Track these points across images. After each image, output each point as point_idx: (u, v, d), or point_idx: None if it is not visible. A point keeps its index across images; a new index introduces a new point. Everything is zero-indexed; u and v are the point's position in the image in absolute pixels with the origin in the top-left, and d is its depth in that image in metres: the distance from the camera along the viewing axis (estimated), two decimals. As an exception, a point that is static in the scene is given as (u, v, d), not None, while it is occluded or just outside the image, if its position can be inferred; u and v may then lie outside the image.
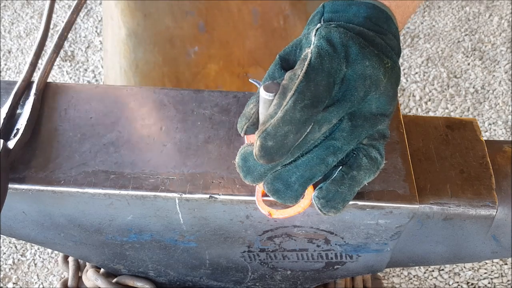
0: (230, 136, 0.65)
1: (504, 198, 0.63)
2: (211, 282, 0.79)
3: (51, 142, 0.64)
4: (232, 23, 0.97)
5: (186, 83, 1.14)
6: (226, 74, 1.11)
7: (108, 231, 0.67)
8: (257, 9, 1.04)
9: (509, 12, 2.66)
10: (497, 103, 2.25)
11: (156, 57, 1.11)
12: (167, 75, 1.13)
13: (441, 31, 2.58)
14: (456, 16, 2.66)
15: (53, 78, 2.39)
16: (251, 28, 1.05)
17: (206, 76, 1.11)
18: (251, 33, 1.06)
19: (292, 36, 1.09)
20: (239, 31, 1.03)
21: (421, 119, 0.71)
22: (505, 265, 1.76)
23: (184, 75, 1.12)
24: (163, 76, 1.13)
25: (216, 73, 1.11)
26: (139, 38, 1.10)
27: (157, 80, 1.15)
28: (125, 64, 1.17)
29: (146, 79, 1.16)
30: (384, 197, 0.59)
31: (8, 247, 1.83)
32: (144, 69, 1.14)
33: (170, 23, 1.05)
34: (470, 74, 2.37)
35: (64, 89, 0.70)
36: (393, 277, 1.73)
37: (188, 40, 1.07)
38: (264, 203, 0.57)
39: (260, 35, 1.06)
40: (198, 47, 1.08)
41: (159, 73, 1.13)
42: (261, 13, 1.04)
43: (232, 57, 1.08)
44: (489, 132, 2.16)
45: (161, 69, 1.12)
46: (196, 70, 1.11)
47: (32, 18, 2.72)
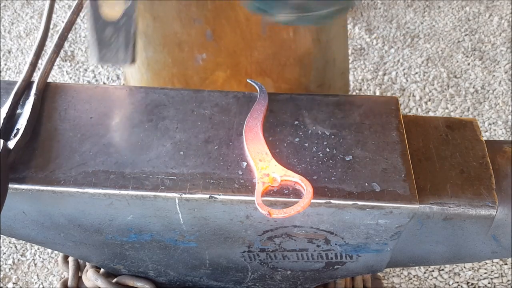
0: (230, 136, 0.65)
1: (504, 198, 0.63)
2: (211, 282, 0.79)
3: (51, 142, 0.64)
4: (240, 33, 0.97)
5: (194, 86, 1.14)
6: (234, 83, 1.11)
7: (108, 231, 0.67)
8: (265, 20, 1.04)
9: (509, 12, 2.66)
10: (497, 103, 2.25)
11: (165, 57, 1.11)
12: (177, 76, 1.13)
13: (441, 31, 2.58)
14: (456, 16, 2.67)
15: (53, 78, 2.39)
16: (259, 38, 1.05)
17: (214, 82, 1.11)
18: (259, 44, 1.05)
19: (302, 48, 1.08)
20: (247, 41, 1.03)
21: (421, 119, 0.71)
22: (505, 265, 1.76)
23: (192, 78, 1.12)
24: (172, 77, 1.13)
25: (223, 81, 1.11)
26: (149, 38, 1.10)
27: (167, 79, 1.15)
28: (138, 61, 1.17)
29: (157, 77, 1.16)
30: (384, 197, 0.59)
31: (8, 247, 1.83)
32: (155, 67, 1.15)
33: (178, 29, 1.05)
34: (470, 74, 2.37)
35: (64, 89, 0.70)
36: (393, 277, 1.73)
37: (196, 47, 1.07)
38: (264, 203, 0.57)
39: (268, 46, 1.05)
40: (206, 54, 1.07)
41: (169, 73, 1.13)
42: (270, 24, 1.04)
43: (240, 67, 1.08)
44: (489, 132, 2.16)
45: (171, 70, 1.12)
46: (205, 76, 1.11)
47: (32, 18, 2.72)
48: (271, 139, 0.65)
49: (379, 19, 2.69)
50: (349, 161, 0.62)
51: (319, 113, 0.68)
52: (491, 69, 2.39)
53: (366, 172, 0.61)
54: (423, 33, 2.58)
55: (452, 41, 2.53)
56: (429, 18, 2.67)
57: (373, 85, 2.34)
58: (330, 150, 0.63)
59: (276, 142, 0.64)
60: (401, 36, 2.57)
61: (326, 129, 0.66)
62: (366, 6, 2.77)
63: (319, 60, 1.13)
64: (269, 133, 0.65)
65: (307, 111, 0.68)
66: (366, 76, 2.38)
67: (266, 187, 0.58)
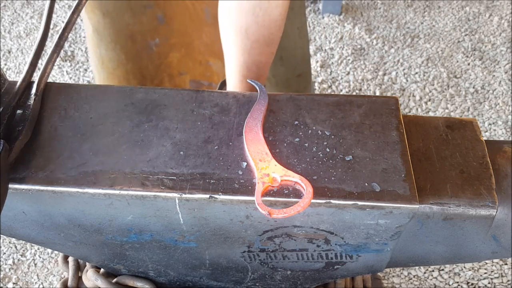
0: (230, 136, 0.65)
1: (504, 198, 0.63)
2: (211, 282, 0.79)
3: (51, 142, 0.64)
4: (189, 16, 0.99)
5: (150, 77, 1.15)
6: (189, 61, 1.12)
7: (108, 231, 0.67)
8: (208, 9, 1.06)
9: (509, 12, 2.66)
10: (497, 103, 2.25)
11: (118, 54, 1.12)
12: (131, 71, 1.14)
13: (441, 31, 2.58)
14: (456, 16, 2.67)
15: (53, 78, 2.39)
16: (206, 24, 1.07)
17: (169, 65, 1.12)
18: (207, 29, 1.08)
19: None
20: (196, 24, 1.05)
21: (421, 119, 0.71)
22: (505, 265, 1.76)
23: (147, 69, 1.13)
24: (127, 73, 1.14)
25: (178, 61, 1.12)
26: (101, 35, 1.11)
27: (122, 77, 1.16)
28: (95, 59, 1.18)
29: (112, 76, 1.17)
30: (384, 197, 0.59)
31: (8, 247, 1.83)
32: (109, 66, 1.15)
33: (130, 19, 1.06)
34: (470, 74, 2.37)
35: (64, 89, 0.70)
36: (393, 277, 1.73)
37: (149, 33, 1.08)
38: (264, 203, 0.57)
39: (214, 32, 1.08)
40: (159, 38, 1.09)
41: (123, 71, 1.14)
42: (212, 12, 1.06)
43: (193, 46, 1.09)
44: (489, 132, 2.16)
45: (125, 67, 1.13)
46: (159, 62, 1.12)
47: (32, 18, 2.72)
48: (271, 139, 0.65)
49: (379, 19, 2.69)
50: (349, 161, 0.62)
51: (319, 113, 0.68)
52: (491, 69, 2.39)
53: (366, 172, 0.61)
54: (423, 33, 2.58)
55: (452, 41, 2.53)
56: (429, 18, 2.67)
57: (373, 85, 2.34)
58: (330, 150, 0.63)
59: (276, 142, 0.64)
60: (401, 36, 2.57)
61: (326, 129, 0.66)
62: (366, 6, 2.77)
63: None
64: (269, 133, 0.65)
65: (307, 111, 0.68)
66: (366, 76, 2.38)
67: (266, 187, 0.58)
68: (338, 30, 2.63)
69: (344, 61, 2.46)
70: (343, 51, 2.51)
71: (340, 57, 2.49)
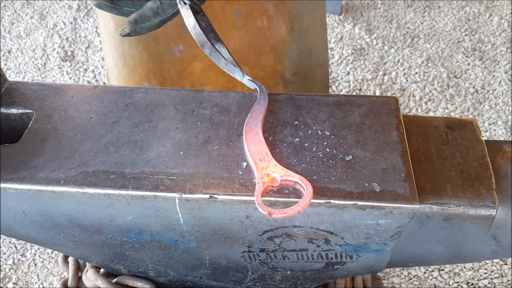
0: (230, 136, 0.65)
1: (504, 198, 0.63)
2: (211, 282, 0.79)
3: (51, 142, 0.64)
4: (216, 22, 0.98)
5: (171, 81, 1.15)
6: (211, 72, 1.11)
7: (108, 231, 0.67)
8: (240, 9, 1.05)
9: (509, 12, 2.66)
10: (497, 103, 2.25)
11: (141, 53, 1.11)
12: (153, 72, 1.14)
13: (441, 31, 2.58)
14: (456, 16, 2.67)
15: (53, 78, 2.39)
16: (235, 27, 1.06)
17: (191, 74, 1.12)
18: (235, 33, 1.06)
19: (276, 36, 1.09)
20: (223, 31, 1.04)
21: (421, 119, 0.71)
22: (505, 265, 1.76)
23: (169, 72, 1.13)
24: (148, 73, 1.14)
25: (201, 71, 1.11)
26: None
27: (143, 75, 1.15)
28: (116, 56, 1.18)
29: (133, 73, 1.17)
30: (384, 197, 0.59)
31: (8, 247, 1.83)
32: (131, 63, 1.15)
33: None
34: (470, 74, 2.37)
35: (64, 89, 0.70)
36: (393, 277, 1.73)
37: (173, 38, 1.07)
38: (264, 203, 0.57)
39: (243, 34, 1.06)
40: (183, 45, 1.08)
41: (144, 69, 1.14)
42: (245, 13, 1.05)
43: None
44: (489, 132, 2.16)
45: (147, 66, 1.13)
46: (181, 68, 1.12)
47: (32, 18, 2.71)
48: (271, 139, 0.65)
49: (379, 19, 2.69)
50: (349, 161, 0.62)
51: (319, 113, 0.68)
52: (491, 69, 2.39)
53: (366, 172, 0.61)
54: (423, 33, 2.58)
55: (452, 41, 2.53)
56: (429, 18, 2.67)
57: (373, 85, 2.34)
58: (330, 150, 0.63)
59: (276, 142, 0.64)
60: (401, 36, 2.57)
61: (326, 129, 0.66)
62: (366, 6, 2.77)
63: (293, 48, 1.15)
64: (269, 133, 0.65)
65: (307, 111, 0.68)
66: (366, 76, 2.38)
67: (266, 187, 0.58)
68: (338, 30, 2.63)
69: (344, 61, 2.46)
70: (343, 51, 2.51)
71: (340, 57, 2.49)
